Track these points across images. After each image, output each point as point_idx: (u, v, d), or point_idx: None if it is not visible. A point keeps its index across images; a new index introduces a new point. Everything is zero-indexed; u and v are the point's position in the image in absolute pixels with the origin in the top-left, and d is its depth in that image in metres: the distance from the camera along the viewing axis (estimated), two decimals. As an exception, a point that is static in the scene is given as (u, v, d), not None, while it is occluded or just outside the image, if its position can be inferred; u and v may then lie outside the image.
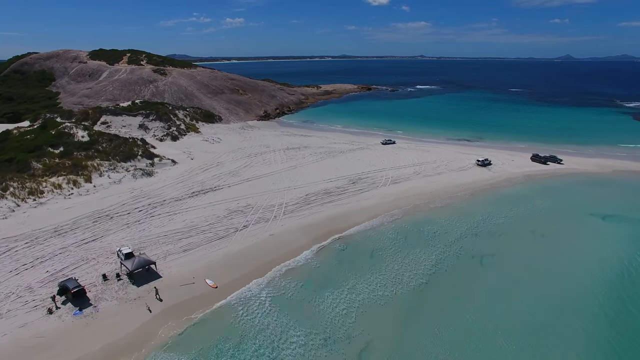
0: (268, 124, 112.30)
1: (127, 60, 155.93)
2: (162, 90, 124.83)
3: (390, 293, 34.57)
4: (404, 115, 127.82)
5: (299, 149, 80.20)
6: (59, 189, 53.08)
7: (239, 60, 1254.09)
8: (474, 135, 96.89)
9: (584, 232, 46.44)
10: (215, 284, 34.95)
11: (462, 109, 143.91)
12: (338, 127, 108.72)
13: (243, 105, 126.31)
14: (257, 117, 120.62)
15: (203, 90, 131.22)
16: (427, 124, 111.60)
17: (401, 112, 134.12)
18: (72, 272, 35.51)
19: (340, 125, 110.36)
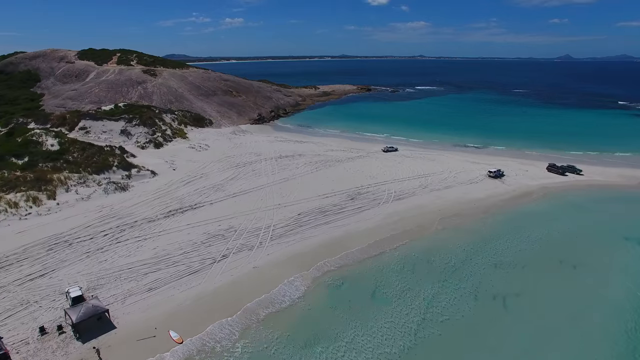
0: (262, 128, 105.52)
1: (116, 60, 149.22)
2: (151, 92, 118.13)
3: (398, 350, 27.91)
4: (406, 118, 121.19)
5: (292, 157, 73.54)
6: (15, 207, 46.40)
7: (238, 60, 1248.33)
8: (482, 141, 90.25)
9: (621, 261, 39.83)
10: (181, 338, 28.30)
11: (467, 111, 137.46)
12: (336, 131, 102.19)
13: (236, 108, 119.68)
14: (251, 120, 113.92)
15: (194, 92, 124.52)
16: (432, 128, 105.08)
17: (403, 115, 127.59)
18: (2, 323, 28.81)
19: (338, 129, 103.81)
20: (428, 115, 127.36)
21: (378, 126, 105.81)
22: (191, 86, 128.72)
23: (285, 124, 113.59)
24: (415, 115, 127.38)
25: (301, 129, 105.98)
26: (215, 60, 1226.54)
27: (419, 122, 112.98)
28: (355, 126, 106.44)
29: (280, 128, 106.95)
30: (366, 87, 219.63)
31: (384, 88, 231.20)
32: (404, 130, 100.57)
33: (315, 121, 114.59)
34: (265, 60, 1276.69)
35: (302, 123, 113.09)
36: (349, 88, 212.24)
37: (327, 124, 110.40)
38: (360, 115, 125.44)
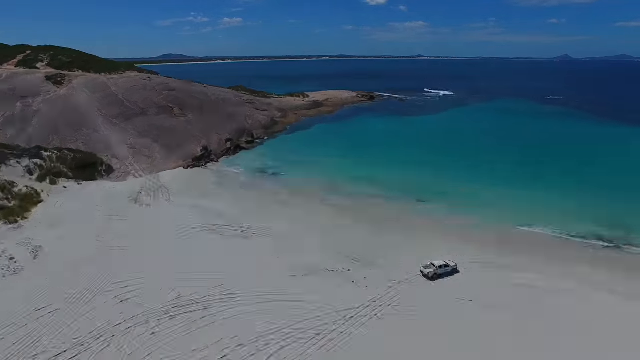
0: (195, 179, 61.70)
1: (17, 61, 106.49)
2: (33, 112, 75.38)
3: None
4: (435, 152, 77.79)
5: (192, 322, 29.92)
6: None
7: (234, 60, 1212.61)
8: (613, 225, 44.91)
9: None
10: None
11: (522, 134, 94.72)
12: (317, 187, 57.98)
13: (168, 137, 76.66)
14: (187, 159, 70.77)
15: (110, 110, 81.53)
16: (490, 182, 60.10)
17: (428, 144, 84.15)
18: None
19: (325, 181, 60.58)
20: (467, 144, 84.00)
21: (396, 174, 62.99)
22: (109, 101, 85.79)
23: (240, 164, 70.50)
24: (447, 146, 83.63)
25: (260, 181, 61.91)
26: (211, 60, 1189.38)
27: (460, 163, 69.90)
28: (355, 174, 63.36)
29: (225, 177, 63.77)
30: (368, 95, 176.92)
31: (389, 95, 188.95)
32: (443, 185, 57.58)
33: (289, 159, 72.37)
34: (262, 60, 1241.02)
35: (266, 165, 69.53)
36: (347, 96, 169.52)
37: (307, 165, 68.57)
38: (363, 146, 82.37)
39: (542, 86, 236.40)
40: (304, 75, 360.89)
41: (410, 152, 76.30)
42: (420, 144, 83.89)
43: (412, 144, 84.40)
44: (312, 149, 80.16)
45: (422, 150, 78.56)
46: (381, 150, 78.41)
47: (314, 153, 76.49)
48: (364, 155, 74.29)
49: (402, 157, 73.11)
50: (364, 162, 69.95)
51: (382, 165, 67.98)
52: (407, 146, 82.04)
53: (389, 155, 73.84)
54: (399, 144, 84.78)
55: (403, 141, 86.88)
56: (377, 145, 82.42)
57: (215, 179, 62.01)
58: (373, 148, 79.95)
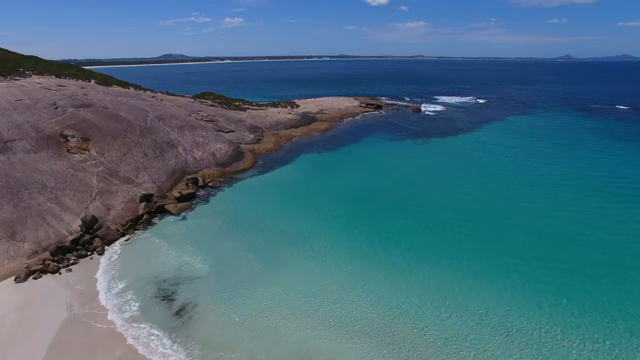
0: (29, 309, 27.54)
1: None
2: None
3: None
4: (501, 230, 41.96)
5: None
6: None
7: (233, 60, 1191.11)
8: None
9: None
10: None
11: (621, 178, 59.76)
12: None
13: (24, 199, 42.48)
14: (40, 251, 37.61)
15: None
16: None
17: (488, 213, 46.72)
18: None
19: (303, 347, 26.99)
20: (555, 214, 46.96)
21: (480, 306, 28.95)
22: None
23: (129, 268, 34.88)
24: (517, 211, 47.48)
25: (136, 340, 27.43)
26: (210, 60, 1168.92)
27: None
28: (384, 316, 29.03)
29: (66, 330, 28.24)
30: (373, 102, 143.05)
31: (397, 102, 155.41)
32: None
33: (237, 257, 36.92)
34: (262, 60, 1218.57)
35: (179, 275, 33.71)
36: (347, 105, 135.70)
37: (269, 280, 33.26)
38: (379, 211, 46.73)
39: (571, 90, 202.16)
40: (301, 77, 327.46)
41: (454, 241, 41.35)
42: (480, 219, 45.97)
43: (454, 210, 48.17)
44: (284, 215, 46.11)
45: (491, 239, 42.99)
46: (404, 239, 44.18)
47: (287, 230, 42.69)
48: (386, 241, 40.12)
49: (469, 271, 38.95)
50: (391, 262, 36.34)
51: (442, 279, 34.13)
52: (446, 224, 46.74)
53: (440, 248, 39.74)
54: (427, 202, 50.25)
55: (445, 206, 49.63)
56: (408, 211, 47.78)
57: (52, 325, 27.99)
58: (400, 218, 45.62)
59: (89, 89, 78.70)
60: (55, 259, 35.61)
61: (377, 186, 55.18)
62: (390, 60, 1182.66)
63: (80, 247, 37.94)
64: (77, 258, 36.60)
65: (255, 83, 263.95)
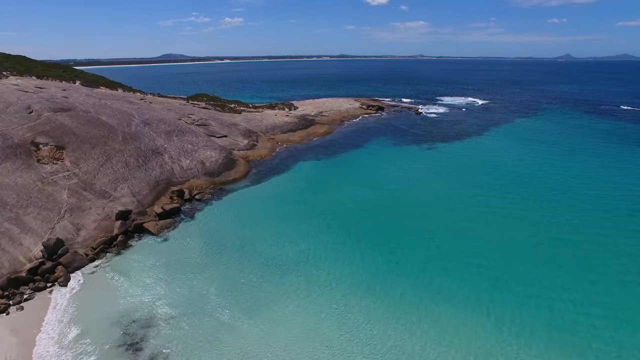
0: None
1: None
2: None
3: None
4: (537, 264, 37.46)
5: None
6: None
7: (232, 60, 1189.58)
8: None
9: None
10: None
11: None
12: None
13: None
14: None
15: None
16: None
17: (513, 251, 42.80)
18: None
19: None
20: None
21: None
22: None
23: (89, 304, 29.67)
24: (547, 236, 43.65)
25: None
26: (210, 60, 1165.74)
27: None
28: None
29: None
30: (375, 104, 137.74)
31: (399, 103, 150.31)
32: None
33: (220, 291, 31.88)
34: (261, 59, 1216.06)
35: (148, 316, 28.44)
36: (347, 106, 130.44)
37: (252, 325, 28.53)
38: (388, 228, 42.04)
39: (577, 90, 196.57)
40: (301, 77, 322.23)
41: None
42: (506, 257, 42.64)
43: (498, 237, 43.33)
44: (277, 237, 40.90)
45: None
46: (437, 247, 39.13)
47: (280, 255, 37.51)
48: (395, 273, 34.93)
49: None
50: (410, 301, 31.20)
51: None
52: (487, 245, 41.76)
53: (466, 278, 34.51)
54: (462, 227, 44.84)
55: (473, 221, 45.51)
56: (418, 235, 42.15)
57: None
58: (409, 244, 40.23)
59: (71, 91, 73.48)
60: (6, 294, 30.41)
61: (382, 203, 49.84)
62: (390, 60, 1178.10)
63: (39, 278, 32.77)
64: (33, 292, 31.42)
65: (253, 84, 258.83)
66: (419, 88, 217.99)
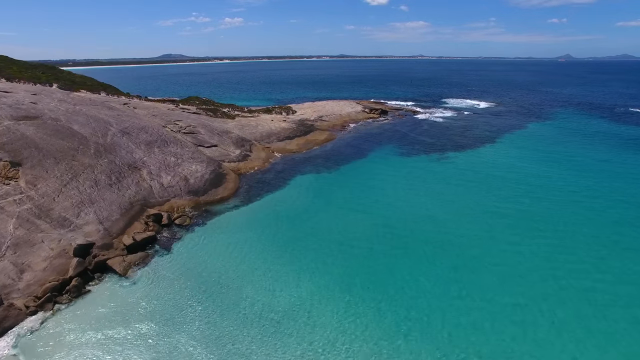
0: None
1: None
2: None
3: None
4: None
5: None
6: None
7: (232, 60, 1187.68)
8: None
9: None
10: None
11: None
12: None
13: None
14: None
15: None
16: None
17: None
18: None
19: None
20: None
21: None
22: None
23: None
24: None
25: None
26: (209, 61, 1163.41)
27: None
28: None
29: None
30: (378, 107, 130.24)
31: (401, 104, 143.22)
32: None
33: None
34: (261, 60, 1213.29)
35: None
36: (349, 110, 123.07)
37: None
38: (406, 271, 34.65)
39: (589, 92, 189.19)
40: (300, 78, 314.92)
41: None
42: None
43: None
44: (269, 278, 33.48)
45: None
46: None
47: (271, 305, 30.17)
48: (416, 332, 27.72)
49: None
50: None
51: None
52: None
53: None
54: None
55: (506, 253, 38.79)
56: (439, 278, 34.34)
57: None
58: (430, 291, 32.51)
59: (42, 96, 66.00)
60: None
61: (391, 232, 42.28)
62: (390, 60, 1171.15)
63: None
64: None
65: (251, 85, 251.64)
66: (421, 90, 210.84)
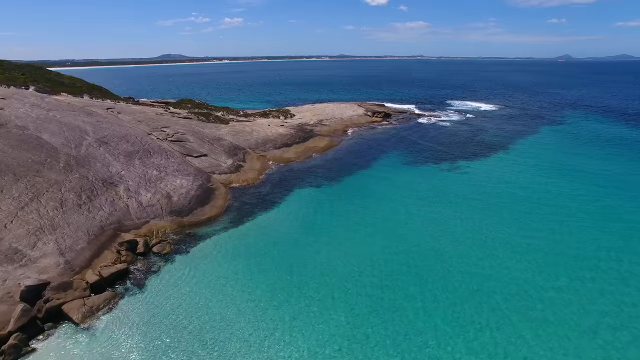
0: None
1: None
2: None
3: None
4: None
5: None
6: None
7: (232, 60, 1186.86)
8: None
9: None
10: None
11: None
12: None
13: None
14: None
15: None
16: None
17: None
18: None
19: None
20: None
21: None
22: None
23: None
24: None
25: None
26: (209, 61, 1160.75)
27: None
28: None
29: None
30: (381, 110, 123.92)
31: (404, 107, 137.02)
32: None
33: None
34: (261, 60, 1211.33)
35: None
36: (351, 113, 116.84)
37: None
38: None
39: (597, 94, 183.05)
40: (299, 78, 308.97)
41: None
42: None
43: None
44: (261, 329, 27.35)
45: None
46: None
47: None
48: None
49: None
50: None
51: None
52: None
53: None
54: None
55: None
56: (464, 331, 28.60)
57: None
58: (455, 345, 27.07)
59: (13, 100, 59.76)
60: None
61: (403, 265, 36.08)
62: (390, 60, 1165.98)
63: None
64: None
65: (250, 86, 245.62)
66: (424, 91, 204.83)
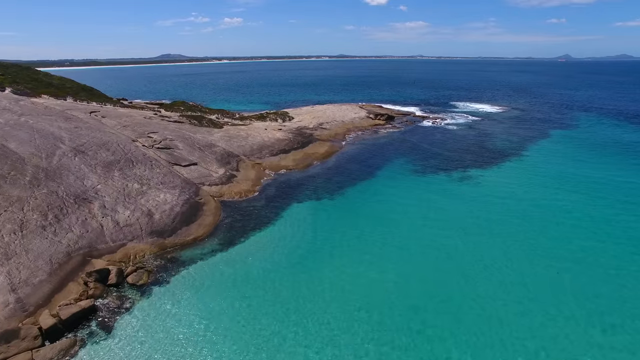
0: None
1: None
2: None
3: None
4: None
5: None
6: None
7: (231, 60, 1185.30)
8: None
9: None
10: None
11: None
12: None
13: None
14: None
15: None
16: None
17: None
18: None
19: None
20: None
21: None
22: None
23: None
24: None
25: None
26: (208, 61, 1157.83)
27: None
28: None
29: None
30: (383, 112, 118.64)
31: (409, 111, 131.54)
32: None
33: None
34: (260, 60, 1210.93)
35: None
36: (352, 116, 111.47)
37: None
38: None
39: (607, 95, 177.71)
40: (299, 78, 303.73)
41: None
42: None
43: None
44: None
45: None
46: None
47: None
48: None
49: None
50: None
51: None
52: None
53: None
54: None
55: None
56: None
57: None
58: None
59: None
60: None
61: (417, 301, 30.92)
62: (390, 60, 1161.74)
63: None
64: None
65: (248, 87, 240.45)
66: (426, 92, 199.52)
